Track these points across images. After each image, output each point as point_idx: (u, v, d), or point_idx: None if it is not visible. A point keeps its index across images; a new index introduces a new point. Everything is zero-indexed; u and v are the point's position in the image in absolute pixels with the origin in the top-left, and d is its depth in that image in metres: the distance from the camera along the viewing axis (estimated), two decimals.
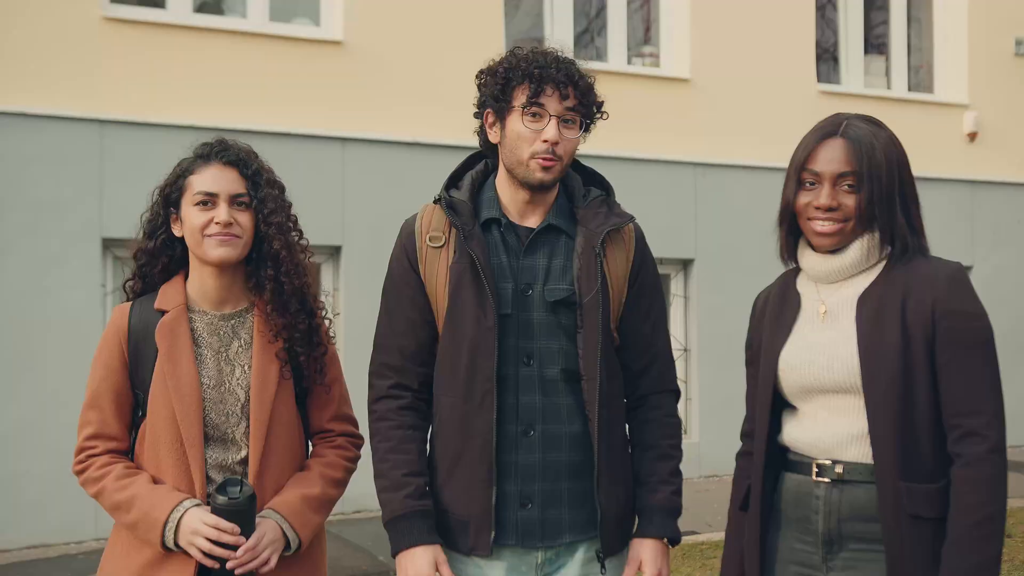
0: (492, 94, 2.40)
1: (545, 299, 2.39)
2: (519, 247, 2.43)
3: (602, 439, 2.39)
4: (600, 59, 8.84)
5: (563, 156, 2.38)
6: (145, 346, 2.44)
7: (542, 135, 2.35)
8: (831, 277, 2.28)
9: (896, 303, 2.17)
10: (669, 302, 8.85)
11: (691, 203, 8.69)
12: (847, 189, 2.22)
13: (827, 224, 2.23)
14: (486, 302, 2.34)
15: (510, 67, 2.38)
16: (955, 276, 2.18)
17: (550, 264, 2.42)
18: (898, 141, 2.29)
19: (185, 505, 2.33)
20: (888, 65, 10.12)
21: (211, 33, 7.33)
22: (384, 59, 7.79)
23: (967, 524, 2.06)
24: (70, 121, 6.81)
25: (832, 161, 2.23)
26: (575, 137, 2.41)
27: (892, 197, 2.22)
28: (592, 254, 2.39)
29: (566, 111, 2.37)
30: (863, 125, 2.26)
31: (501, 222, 2.44)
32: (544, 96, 2.35)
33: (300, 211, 2.65)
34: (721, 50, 8.93)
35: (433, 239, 2.42)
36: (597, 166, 2.53)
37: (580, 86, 2.38)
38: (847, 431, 2.21)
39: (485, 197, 2.47)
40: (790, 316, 2.34)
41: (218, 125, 7.09)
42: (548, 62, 2.36)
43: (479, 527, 2.37)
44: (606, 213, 2.47)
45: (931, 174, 9.62)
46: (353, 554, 6.27)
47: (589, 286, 2.38)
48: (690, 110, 8.80)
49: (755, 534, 2.33)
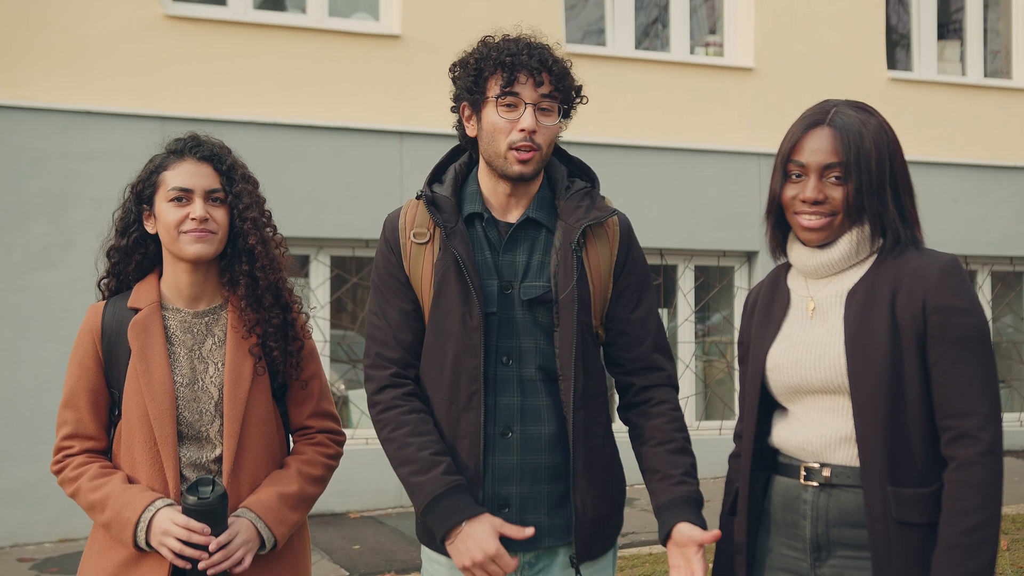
0: (466, 86, 2.35)
1: (521, 297, 2.33)
2: (500, 243, 2.38)
3: (578, 440, 2.32)
4: (663, 49, 8.73)
5: (542, 145, 2.32)
6: (119, 345, 2.43)
7: (518, 124, 2.29)
8: (820, 272, 2.19)
9: (886, 298, 2.07)
10: (734, 294, 8.71)
11: (755, 194, 8.52)
12: (834, 181, 2.12)
13: (814, 219, 2.13)
14: (471, 300, 2.30)
15: (481, 57, 2.32)
16: (948, 269, 2.06)
17: (529, 260, 2.36)
18: (889, 127, 2.17)
19: (157, 505, 2.31)
20: (963, 50, 9.80)
21: (271, 29, 7.40)
22: (442, 53, 7.74)
23: (959, 531, 1.96)
24: (132, 118, 6.93)
25: (818, 152, 2.13)
26: (553, 124, 2.34)
27: (883, 186, 2.11)
28: (569, 249, 2.33)
29: (542, 98, 2.31)
30: (852, 112, 2.15)
31: (483, 217, 2.39)
32: (518, 84, 2.29)
33: (358, 205, 2.63)
34: (786, 38, 8.74)
35: (417, 235, 2.38)
36: (660, 158, 2.46)
37: (554, 71, 2.32)
38: (835, 433, 2.12)
39: (468, 191, 2.42)
40: (779, 313, 2.25)
41: (277, 120, 7.20)
42: (520, 49, 2.31)
43: None
44: (588, 206, 2.39)
45: (1008, 162, 9.32)
46: (408, 548, 6.29)
47: (565, 283, 2.32)
48: (754, 100, 8.63)
49: (742, 538, 2.26)
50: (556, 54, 2.35)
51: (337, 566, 5.93)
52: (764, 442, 2.26)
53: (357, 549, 6.32)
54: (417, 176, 7.56)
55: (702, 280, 8.64)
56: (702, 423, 8.45)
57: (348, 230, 7.39)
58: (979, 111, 9.35)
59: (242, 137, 2.67)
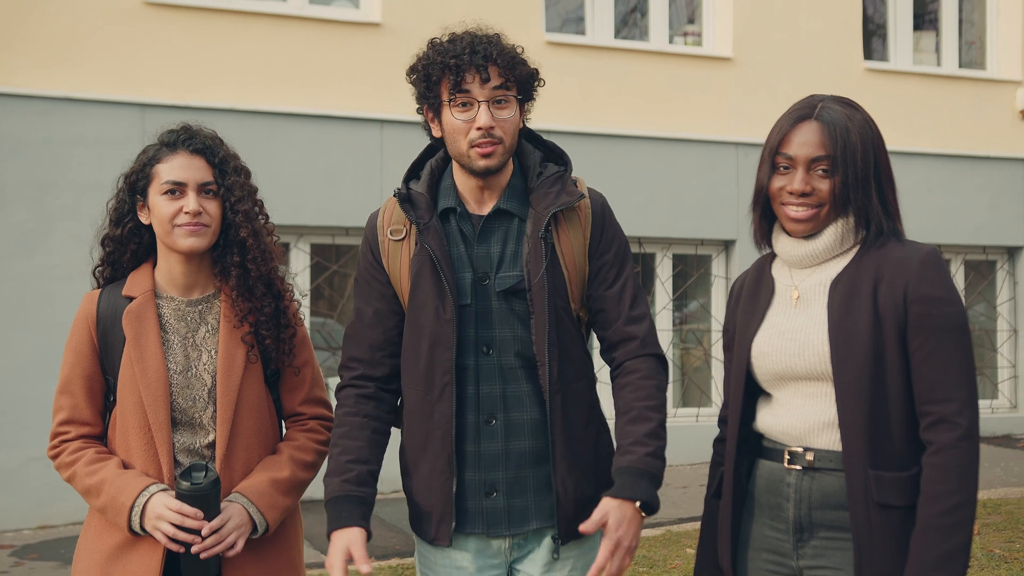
0: (421, 92, 2.39)
1: (495, 288, 2.39)
2: (474, 235, 2.42)
3: (556, 424, 2.37)
4: (642, 39, 8.77)
5: (503, 137, 2.34)
6: (114, 333, 2.47)
7: (474, 123, 2.32)
8: (804, 262, 2.25)
9: (868, 288, 2.14)
10: (711, 283, 8.79)
11: (733, 183, 8.60)
12: (821, 174, 2.18)
13: (801, 210, 2.19)
14: (444, 294, 2.35)
15: (429, 63, 2.35)
16: (928, 260, 2.12)
17: (503, 251, 2.41)
18: (874, 123, 2.23)
19: (151, 490, 2.36)
20: (939, 41, 9.90)
21: (251, 16, 7.39)
22: (423, 41, 7.73)
23: (935, 512, 2.03)
24: (112, 105, 6.93)
25: (806, 145, 2.19)
26: (511, 116, 2.36)
27: (868, 180, 2.17)
28: (538, 238, 2.37)
29: (493, 91, 2.33)
30: (838, 107, 2.22)
31: (456, 211, 2.43)
32: (466, 83, 2.31)
33: (338, 193, 2.67)
34: (764, 27, 8.81)
35: (394, 232, 2.43)
36: (639, 146, 2.49)
37: (501, 63, 2.32)
38: (818, 418, 2.18)
39: (443, 186, 2.46)
40: (764, 302, 2.31)
41: (258, 108, 7.20)
42: (462, 48, 2.31)
43: (440, 517, 2.39)
44: (558, 191, 2.41)
45: (981, 152, 9.43)
46: (387, 533, 6.34)
47: (535, 271, 2.36)
48: (732, 89, 8.70)
49: (727, 521, 2.32)
50: (502, 44, 2.35)
51: (318, 552, 5.97)
52: (749, 427, 2.32)
53: None
54: (398, 164, 7.58)
55: (680, 268, 8.71)
56: (679, 410, 8.53)
57: (328, 218, 7.41)
58: (954, 101, 9.45)
59: (223, 124, 2.69)
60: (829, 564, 2.17)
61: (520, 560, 2.44)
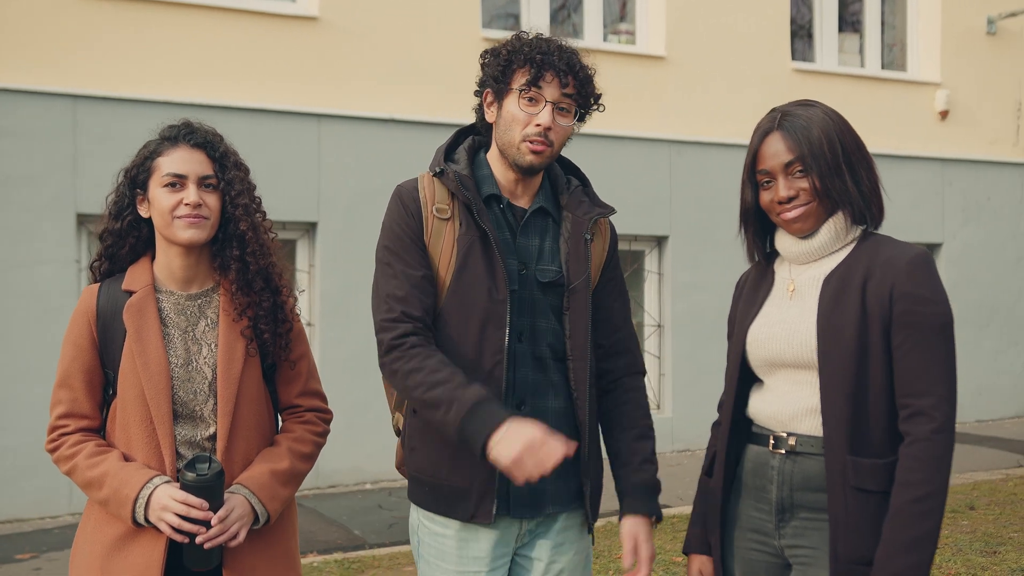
0: (493, 74, 2.46)
1: (537, 279, 2.46)
2: (517, 226, 2.50)
3: (590, 416, 2.49)
4: (576, 36, 8.86)
5: (554, 142, 2.44)
6: (114, 326, 2.48)
7: (536, 119, 2.40)
8: (803, 258, 2.38)
9: (858, 284, 2.25)
10: (643, 278, 8.92)
11: (666, 180, 8.74)
12: (799, 175, 2.31)
13: (793, 211, 2.32)
14: (498, 276, 2.40)
15: (513, 50, 2.43)
16: (916, 260, 2.25)
17: (542, 245, 2.50)
18: (833, 112, 2.36)
19: (155, 482, 2.38)
20: (862, 43, 10.18)
21: (187, 8, 7.31)
22: (360, 35, 7.78)
23: (907, 499, 2.15)
24: (43, 96, 6.80)
25: (776, 155, 2.32)
26: (568, 125, 2.46)
27: (839, 167, 2.30)
28: (581, 239, 2.49)
29: (563, 98, 2.42)
30: (795, 110, 2.35)
31: (502, 200, 2.50)
32: (543, 81, 2.40)
33: (276, 188, 2.68)
34: (696, 28, 8.96)
35: (440, 211, 2.45)
36: (573, 143, 2.57)
37: (580, 76, 2.44)
38: (803, 405, 2.30)
39: (482, 174, 2.52)
40: (763, 293, 2.44)
41: (193, 101, 7.10)
42: (551, 49, 2.42)
43: (482, 496, 2.40)
44: (589, 203, 2.55)
45: (903, 152, 9.72)
46: (328, 528, 6.32)
47: (577, 270, 2.47)
48: (665, 87, 8.84)
49: (717, 501, 2.45)
50: (584, 61, 2.47)
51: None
52: (742, 412, 2.45)
53: None
54: (335, 159, 7.56)
55: None
56: None
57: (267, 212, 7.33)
58: (877, 102, 9.73)
59: (157, 118, 2.68)
60: (808, 543, 2.28)
61: (527, 546, 2.51)
